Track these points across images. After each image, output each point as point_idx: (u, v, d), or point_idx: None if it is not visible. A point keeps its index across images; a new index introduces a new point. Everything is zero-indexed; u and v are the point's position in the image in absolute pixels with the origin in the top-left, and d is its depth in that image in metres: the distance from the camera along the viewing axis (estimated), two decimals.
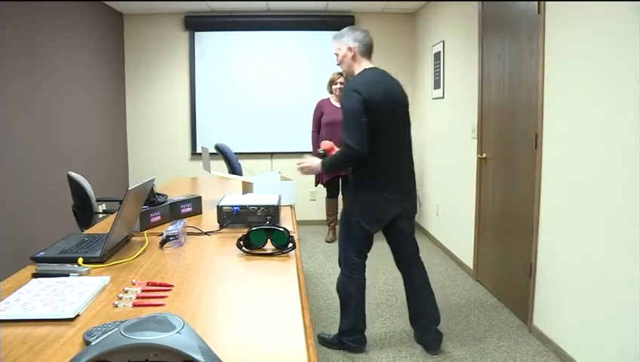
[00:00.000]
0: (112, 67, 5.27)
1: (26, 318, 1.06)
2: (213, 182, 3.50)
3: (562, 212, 2.56)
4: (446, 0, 4.49)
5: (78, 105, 4.43)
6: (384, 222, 2.51)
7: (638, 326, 1.97)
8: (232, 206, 1.95)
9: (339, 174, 4.62)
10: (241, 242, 1.60)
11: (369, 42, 2.47)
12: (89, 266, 1.42)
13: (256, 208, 1.95)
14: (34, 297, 1.15)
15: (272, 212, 1.95)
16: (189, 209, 2.21)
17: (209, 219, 2.11)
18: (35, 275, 1.35)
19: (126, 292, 1.24)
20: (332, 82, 4.64)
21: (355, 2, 5.26)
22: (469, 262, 3.90)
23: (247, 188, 2.53)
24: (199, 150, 5.53)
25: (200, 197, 2.30)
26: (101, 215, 3.23)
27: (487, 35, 3.55)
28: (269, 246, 1.62)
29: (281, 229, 1.62)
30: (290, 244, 1.60)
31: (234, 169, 4.53)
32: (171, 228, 1.74)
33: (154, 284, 1.30)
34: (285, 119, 5.65)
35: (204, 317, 1.11)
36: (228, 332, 1.04)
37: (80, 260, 1.45)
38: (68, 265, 1.40)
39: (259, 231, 1.62)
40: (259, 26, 5.58)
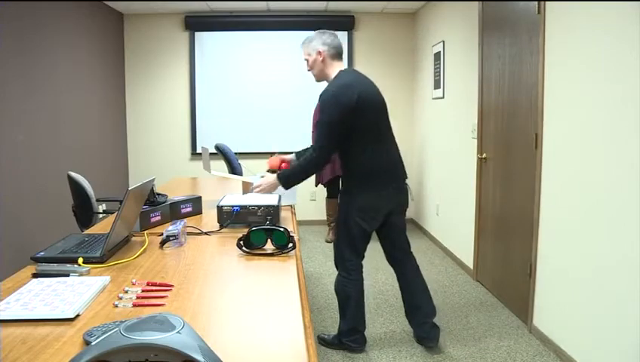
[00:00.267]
0: (112, 67, 5.27)
1: (26, 318, 1.06)
2: (213, 182, 3.51)
3: (562, 212, 2.56)
4: (446, 0, 4.49)
5: (78, 105, 4.42)
6: (381, 220, 2.52)
7: (638, 326, 1.97)
8: (232, 206, 1.95)
9: (339, 174, 4.61)
10: (241, 242, 1.60)
11: (338, 44, 2.47)
12: (89, 266, 1.42)
13: (256, 208, 1.96)
14: (34, 297, 1.15)
15: (272, 212, 1.95)
16: (189, 209, 2.21)
17: (209, 219, 2.11)
18: (35, 275, 1.35)
19: (126, 292, 1.24)
20: None
21: (355, 2, 5.26)
22: (469, 262, 3.90)
23: (247, 188, 2.53)
24: (199, 150, 5.53)
25: (200, 197, 2.30)
26: (101, 215, 3.23)
27: (487, 35, 3.55)
28: (269, 246, 1.63)
29: (281, 229, 1.62)
30: (290, 244, 1.60)
31: (234, 169, 4.53)
32: (171, 228, 1.74)
33: (154, 284, 1.30)
34: (285, 119, 5.64)
35: (204, 317, 1.11)
36: (228, 332, 1.04)
37: (80, 260, 1.45)
38: (68, 265, 1.40)
39: (259, 231, 1.62)
40: (259, 26, 5.58)
